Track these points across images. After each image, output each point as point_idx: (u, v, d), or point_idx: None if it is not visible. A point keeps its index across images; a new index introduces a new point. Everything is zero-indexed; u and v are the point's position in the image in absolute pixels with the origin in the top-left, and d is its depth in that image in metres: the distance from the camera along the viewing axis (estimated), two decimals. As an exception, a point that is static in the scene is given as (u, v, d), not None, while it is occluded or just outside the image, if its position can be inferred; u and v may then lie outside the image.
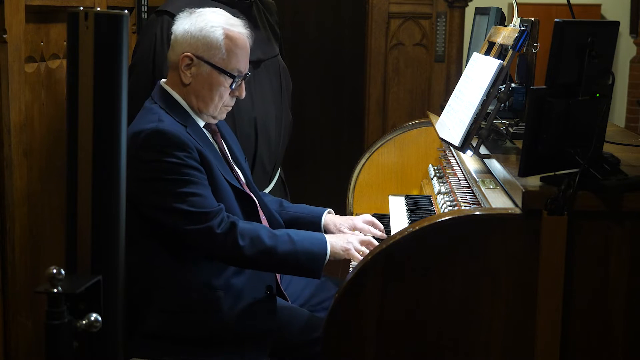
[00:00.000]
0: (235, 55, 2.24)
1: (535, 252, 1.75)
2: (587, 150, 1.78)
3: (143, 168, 2.12)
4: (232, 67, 2.24)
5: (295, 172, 4.72)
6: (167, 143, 2.11)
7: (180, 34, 2.24)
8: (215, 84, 2.23)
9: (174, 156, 2.11)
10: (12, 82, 2.15)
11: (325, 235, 2.27)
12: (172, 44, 2.27)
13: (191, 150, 2.14)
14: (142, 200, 2.13)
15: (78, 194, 1.16)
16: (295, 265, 2.18)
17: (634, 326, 1.80)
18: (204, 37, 2.21)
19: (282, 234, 2.19)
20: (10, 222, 2.19)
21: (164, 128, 2.13)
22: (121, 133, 1.17)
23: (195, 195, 2.11)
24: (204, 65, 2.22)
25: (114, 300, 1.17)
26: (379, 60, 4.54)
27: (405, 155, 3.21)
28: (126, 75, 1.18)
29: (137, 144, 2.11)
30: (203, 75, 2.23)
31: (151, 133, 2.12)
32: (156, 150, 2.11)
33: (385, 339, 1.81)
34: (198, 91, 2.24)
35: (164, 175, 2.11)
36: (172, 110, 2.22)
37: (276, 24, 2.98)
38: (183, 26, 2.24)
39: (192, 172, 2.13)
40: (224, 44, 2.22)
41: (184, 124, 2.20)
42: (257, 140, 2.70)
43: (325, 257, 2.19)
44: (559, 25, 1.74)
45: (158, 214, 2.14)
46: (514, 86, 2.31)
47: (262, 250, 2.13)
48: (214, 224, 2.11)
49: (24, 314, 2.28)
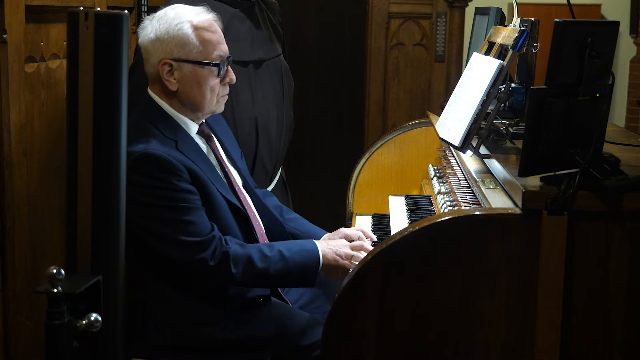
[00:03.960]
0: (210, 42, 2.18)
1: (535, 252, 1.75)
2: (587, 150, 1.78)
3: (133, 190, 2.02)
4: (211, 56, 2.18)
5: (295, 172, 4.72)
6: (157, 166, 2.05)
7: (148, 44, 2.18)
8: (203, 79, 2.17)
9: (164, 181, 2.05)
10: (12, 82, 2.15)
11: (316, 243, 2.24)
12: (145, 57, 2.20)
13: (182, 173, 2.07)
14: (134, 222, 2.06)
15: (78, 194, 1.16)
16: (289, 281, 2.20)
17: (634, 326, 1.80)
18: (172, 37, 2.15)
19: (274, 252, 2.15)
20: (10, 222, 2.19)
21: (152, 152, 2.06)
22: (121, 133, 1.17)
23: (187, 223, 2.06)
24: (184, 65, 2.16)
25: (114, 300, 1.17)
26: (379, 60, 4.54)
27: (405, 155, 3.21)
28: (126, 75, 1.18)
29: (127, 164, 2.07)
30: (188, 75, 2.16)
31: (140, 156, 2.05)
32: (146, 175, 2.05)
33: (385, 340, 1.81)
34: (188, 93, 2.18)
35: (155, 201, 2.06)
36: (161, 124, 2.16)
37: (279, 24, 2.98)
38: (148, 35, 2.18)
39: (183, 197, 2.07)
40: (196, 36, 2.16)
41: (174, 139, 2.14)
42: (258, 139, 2.70)
43: (318, 266, 2.19)
44: (559, 25, 1.74)
45: (151, 240, 2.10)
46: (514, 86, 2.31)
47: (256, 275, 2.12)
48: (207, 255, 2.07)
49: (24, 314, 2.27)
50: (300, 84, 3.39)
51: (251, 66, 2.70)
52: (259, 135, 2.70)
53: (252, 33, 2.75)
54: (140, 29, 2.22)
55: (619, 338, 1.80)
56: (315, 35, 5.29)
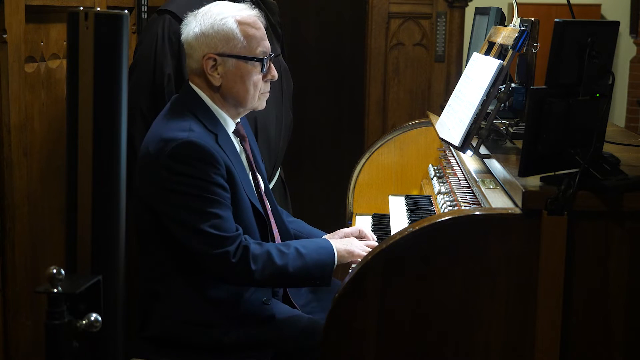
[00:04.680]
0: (254, 38, 2.18)
1: (535, 252, 1.75)
2: (587, 150, 1.78)
3: (169, 179, 2.07)
4: (255, 51, 2.18)
5: (294, 172, 4.72)
6: (197, 156, 2.06)
7: (192, 39, 2.18)
8: (246, 74, 2.17)
9: (202, 171, 2.06)
10: (12, 82, 2.14)
11: (330, 240, 2.27)
12: (188, 52, 2.20)
13: (220, 167, 2.08)
14: (163, 210, 2.09)
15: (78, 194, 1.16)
16: (307, 278, 2.18)
17: (634, 326, 1.80)
18: (217, 32, 2.15)
19: (291, 250, 2.15)
20: (10, 222, 2.19)
21: (196, 140, 2.07)
22: (121, 133, 1.17)
23: (217, 217, 2.07)
24: (229, 60, 2.16)
25: (114, 300, 1.17)
26: (379, 60, 4.54)
27: (405, 155, 3.21)
28: (126, 75, 1.18)
29: (165, 152, 2.06)
30: (232, 70, 2.17)
31: (183, 144, 2.06)
32: (185, 163, 2.06)
33: (385, 339, 1.81)
34: (232, 88, 2.18)
35: (190, 190, 2.06)
36: (203, 116, 2.16)
37: (278, 24, 2.98)
38: (193, 30, 2.18)
39: (217, 191, 2.08)
40: (240, 31, 2.16)
41: (215, 132, 2.15)
42: (257, 140, 2.70)
43: (334, 263, 2.19)
44: (559, 25, 1.74)
45: (176, 228, 2.10)
46: (514, 86, 2.31)
47: (274, 271, 2.11)
48: (231, 250, 2.07)
49: (24, 314, 2.27)
50: (300, 84, 3.39)
51: None
52: (258, 135, 2.70)
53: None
54: (184, 25, 2.23)
55: (619, 338, 1.80)
56: (315, 35, 5.28)
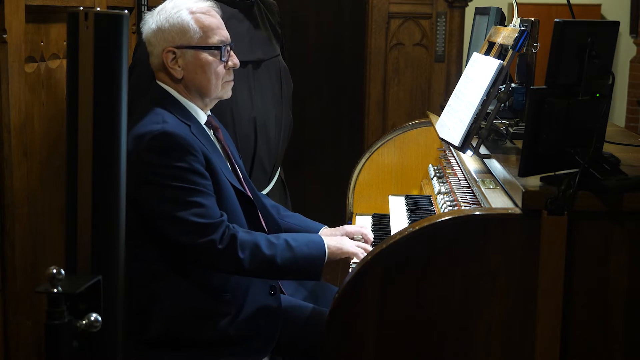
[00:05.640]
0: (209, 28, 2.21)
1: (535, 252, 1.75)
2: (587, 150, 1.78)
3: (147, 171, 2.07)
4: (212, 40, 2.21)
5: (294, 172, 4.72)
6: (174, 146, 2.07)
7: (151, 35, 2.22)
8: (206, 64, 2.20)
9: (181, 160, 2.07)
10: (12, 82, 2.14)
11: (321, 236, 2.27)
12: (149, 50, 2.25)
13: (197, 154, 2.09)
14: (143, 204, 2.09)
15: (78, 194, 1.16)
16: (295, 271, 2.18)
17: (634, 326, 1.80)
18: (172, 25, 2.19)
19: (281, 241, 2.16)
20: (10, 222, 2.19)
21: (171, 130, 2.09)
22: (121, 133, 1.17)
23: (199, 205, 2.07)
24: (187, 52, 2.19)
25: (114, 300, 1.17)
26: (379, 60, 4.54)
27: (405, 155, 3.21)
28: (126, 75, 1.17)
29: (141, 146, 2.07)
30: (191, 62, 2.20)
31: (158, 135, 2.07)
32: (162, 153, 2.07)
33: (385, 339, 1.81)
34: (193, 79, 2.20)
35: (170, 182, 2.07)
36: (174, 109, 2.19)
37: (277, 24, 2.98)
38: (150, 27, 2.23)
39: (198, 180, 2.08)
40: (195, 22, 2.20)
41: (188, 123, 2.17)
42: (257, 140, 2.70)
43: (324, 259, 2.19)
44: (559, 25, 1.74)
45: (160, 221, 2.10)
46: (514, 86, 2.31)
47: (262, 261, 2.11)
48: (216, 238, 2.07)
49: (24, 314, 2.27)
50: (300, 84, 3.38)
51: (250, 66, 2.70)
52: (258, 135, 2.69)
53: (251, 33, 2.75)
54: (143, 24, 2.27)
55: (619, 338, 1.80)
56: (315, 35, 5.28)
